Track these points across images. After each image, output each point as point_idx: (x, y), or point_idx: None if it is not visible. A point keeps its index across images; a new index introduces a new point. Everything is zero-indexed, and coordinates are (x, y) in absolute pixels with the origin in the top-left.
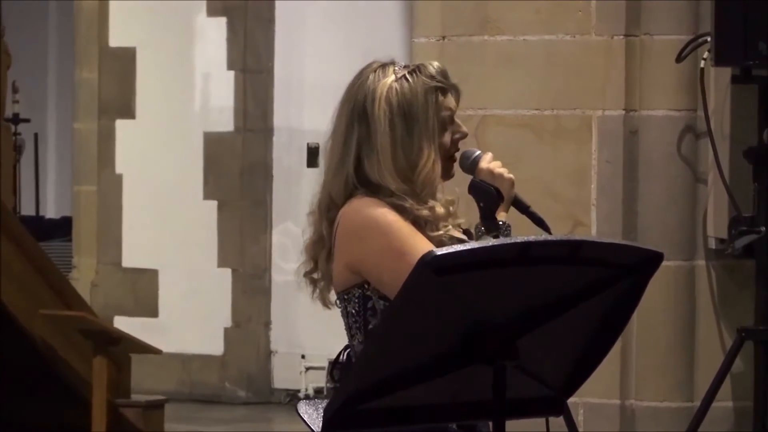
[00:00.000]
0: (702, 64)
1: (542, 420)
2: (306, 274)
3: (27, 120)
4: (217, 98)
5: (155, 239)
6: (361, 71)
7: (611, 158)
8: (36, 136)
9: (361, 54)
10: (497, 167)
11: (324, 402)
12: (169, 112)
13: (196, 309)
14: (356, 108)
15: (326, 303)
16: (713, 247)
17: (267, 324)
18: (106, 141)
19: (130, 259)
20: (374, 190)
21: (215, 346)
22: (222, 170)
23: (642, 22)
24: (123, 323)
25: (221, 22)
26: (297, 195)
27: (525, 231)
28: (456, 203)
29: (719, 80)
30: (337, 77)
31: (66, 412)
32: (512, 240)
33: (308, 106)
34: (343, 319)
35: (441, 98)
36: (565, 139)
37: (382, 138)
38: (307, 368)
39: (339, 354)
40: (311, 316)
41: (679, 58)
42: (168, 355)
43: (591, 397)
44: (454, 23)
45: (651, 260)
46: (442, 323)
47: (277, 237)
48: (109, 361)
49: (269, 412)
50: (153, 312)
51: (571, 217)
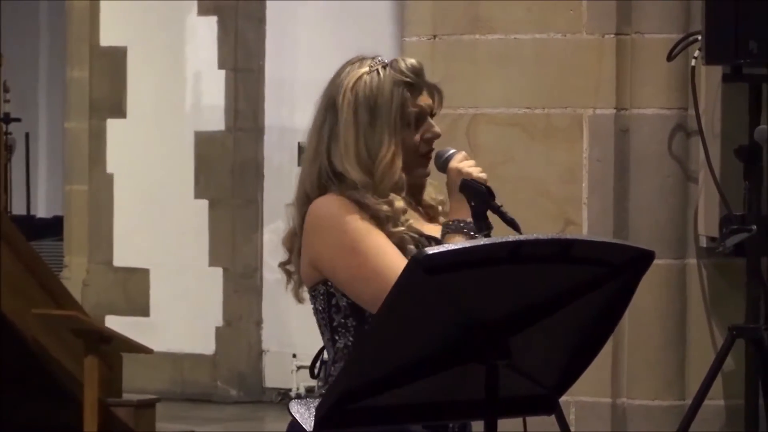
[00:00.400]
0: (693, 63)
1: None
2: (281, 265)
3: (18, 119)
4: (208, 97)
5: (146, 238)
6: (343, 65)
7: (602, 157)
8: (27, 136)
9: (352, 53)
10: (467, 167)
11: (316, 401)
12: (160, 112)
13: (188, 308)
14: (329, 99)
15: (299, 297)
16: (704, 246)
17: (258, 323)
18: (97, 140)
19: (121, 259)
20: (342, 181)
21: (206, 345)
22: (213, 169)
23: (633, 21)
24: (114, 322)
25: (212, 21)
26: (288, 194)
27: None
28: (446, 203)
29: (710, 79)
30: (328, 76)
31: (57, 412)
32: (504, 239)
33: (299, 105)
34: (314, 316)
35: (407, 93)
36: (556, 138)
37: (346, 127)
38: (299, 367)
39: (319, 351)
40: (302, 315)
41: (670, 57)
42: (159, 355)
43: (582, 396)
44: (445, 22)
45: (642, 259)
46: (434, 322)
47: (269, 236)
48: (101, 361)
49: (261, 411)
50: (144, 311)
51: (562, 216)
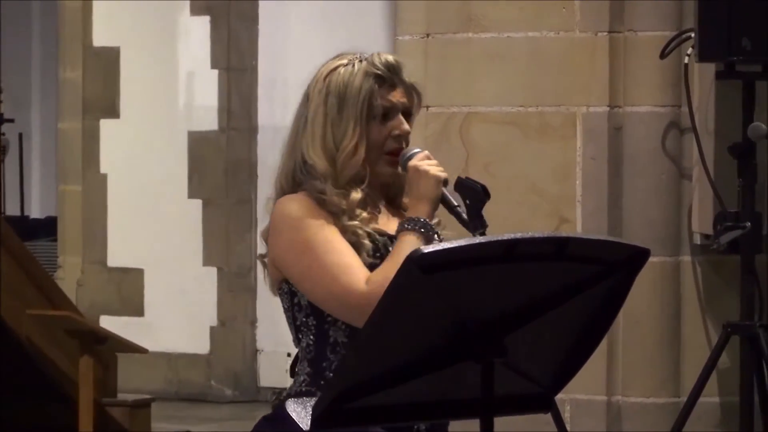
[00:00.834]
0: (686, 60)
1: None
2: (259, 257)
3: (11, 120)
4: (201, 97)
5: (140, 238)
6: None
7: (596, 155)
8: (21, 136)
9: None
10: (424, 165)
11: (312, 400)
12: (154, 111)
13: (182, 308)
14: (305, 92)
15: (274, 291)
16: (698, 243)
17: (253, 322)
18: (91, 140)
19: (116, 259)
20: (312, 176)
21: (201, 345)
22: (206, 169)
23: (626, 19)
24: (109, 322)
25: (205, 21)
26: None
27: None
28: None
29: (703, 76)
30: None
31: (53, 412)
32: (499, 237)
33: (292, 105)
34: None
35: (376, 86)
36: (550, 136)
37: (316, 115)
38: None
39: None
40: None
41: (663, 55)
42: (154, 354)
43: (578, 394)
44: (438, 21)
45: (638, 256)
46: (430, 321)
47: None
48: (96, 361)
49: (256, 411)
50: (139, 311)
51: (557, 214)
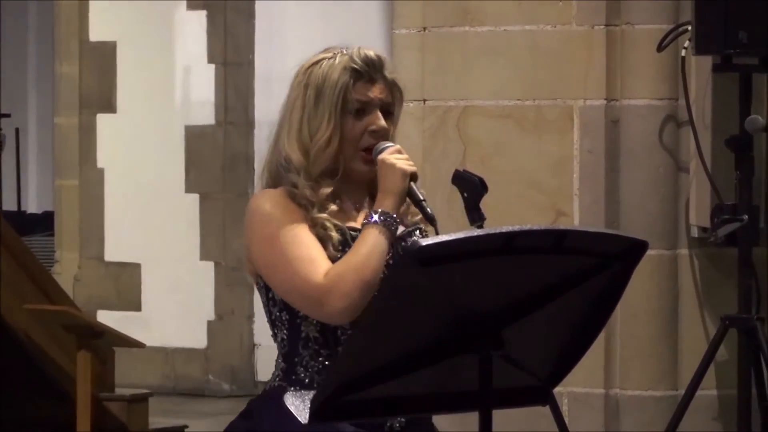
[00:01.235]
0: (683, 53)
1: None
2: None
3: (8, 115)
4: (198, 92)
5: (137, 233)
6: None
7: (593, 148)
8: (17, 131)
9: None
10: (392, 158)
11: (311, 393)
12: (150, 106)
13: (179, 302)
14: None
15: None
16: (696, 236)
17: (250, 317)
18: (88, 135)
19: (113, 253)
20: (289, 170)
21: (198, 340)
22: (203, 163)
23: (623, 12)
24: (106, 317)
25: (201, 16)
26: None
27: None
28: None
29: (700, 69)
30: None
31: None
32: (497, 230)
33: None
34: None
35: (352, 81)
36: (547, 130)
37: (294, 106)
38: None
39: None
40: None
41: (660, 48)
42: (151, 349)
43: (575, 387)
44: (435, 14)
45: (636, 249)
46: (428, 313)
47: None
48: (93, 355)
49: None
50: (136, 306)
51: (554, 207)
